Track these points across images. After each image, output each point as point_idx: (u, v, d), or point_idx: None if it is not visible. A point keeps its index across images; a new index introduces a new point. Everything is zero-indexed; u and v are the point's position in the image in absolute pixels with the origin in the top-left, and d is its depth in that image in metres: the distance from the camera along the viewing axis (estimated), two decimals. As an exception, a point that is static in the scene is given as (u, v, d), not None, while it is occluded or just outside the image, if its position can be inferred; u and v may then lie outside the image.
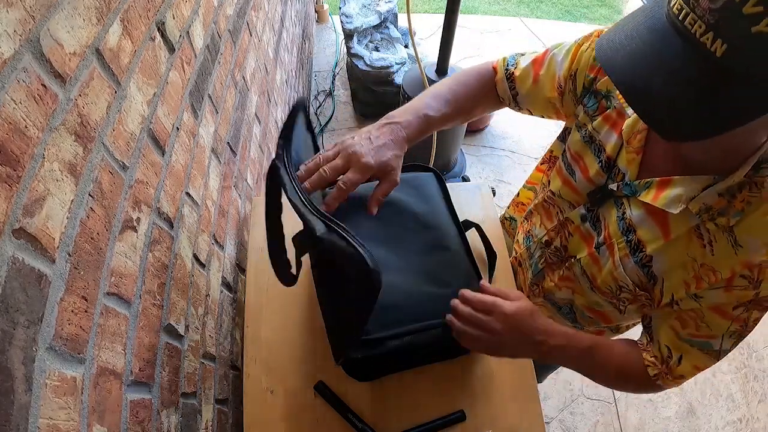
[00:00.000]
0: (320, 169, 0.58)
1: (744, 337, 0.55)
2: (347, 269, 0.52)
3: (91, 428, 0.40)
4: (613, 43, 0.46)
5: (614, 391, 1.82)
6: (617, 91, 0.58)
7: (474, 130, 2.51)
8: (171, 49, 0.59)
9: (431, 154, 1.82)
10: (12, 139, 0.33)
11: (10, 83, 0.32)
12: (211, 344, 0.73)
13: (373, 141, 0.60)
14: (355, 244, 0.48)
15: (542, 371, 1.25)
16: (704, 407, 1.82)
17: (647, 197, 0.57)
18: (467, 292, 0.62)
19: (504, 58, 0.75)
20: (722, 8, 0.36)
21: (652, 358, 0.63)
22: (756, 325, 0.55)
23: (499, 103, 0.77)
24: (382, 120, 0.64)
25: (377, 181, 0.62)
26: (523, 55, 0.73)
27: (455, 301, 0.63)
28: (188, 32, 0.65)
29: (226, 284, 0.82)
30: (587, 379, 0.67)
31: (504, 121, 2.55)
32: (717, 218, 0.52)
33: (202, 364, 0.68)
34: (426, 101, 0.68)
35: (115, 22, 0.46)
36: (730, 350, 0.57)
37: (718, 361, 0.58)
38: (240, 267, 0.92)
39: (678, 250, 0.56)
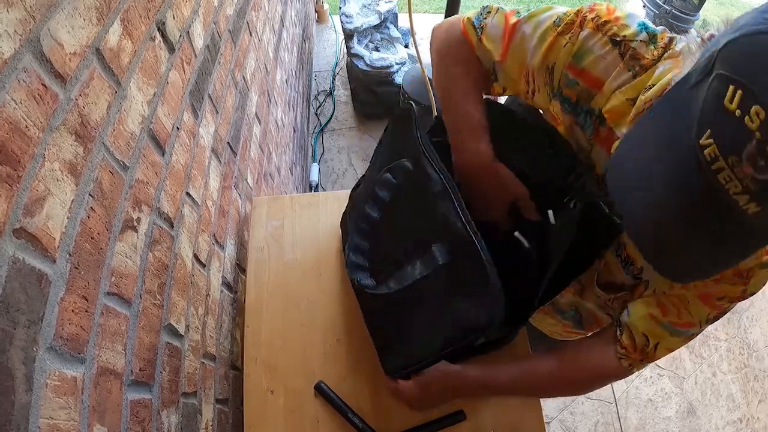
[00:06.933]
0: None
1: (717, 321, 0.56)
2: (466, 288, 0.55)
3: (91, 428, 0.40)
4: (627, 182, 0.43)
5: (614, 390, 1.82)
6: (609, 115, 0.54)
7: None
8: (171, 49, 0.59)
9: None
10: (12, 139, 0.33)
11: (11, 83, 0.32)
12: (212, 344, 0.73)
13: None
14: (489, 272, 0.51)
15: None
16: (704, 407, 1.82)
17: None
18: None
19: (469, 20, 0.62)
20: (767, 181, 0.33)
21: (623, 350, 0.61)
22: (730, 310, 0.55)
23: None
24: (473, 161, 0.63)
25: None
26: (488, 13, 0.61)
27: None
28: (188, 32, 0.65)
29: (226, 284, 0.82)
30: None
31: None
32: None
33: (202, 363, 0.68)
34: (469, 111, 0.63)
35: (116, 22, 0.46)
36: (699, 333, 0.58)
37: (688, 342, 0.59)
38: (240, 267, 0.92)
39: None
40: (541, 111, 0.67)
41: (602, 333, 0.65)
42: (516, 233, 0.64)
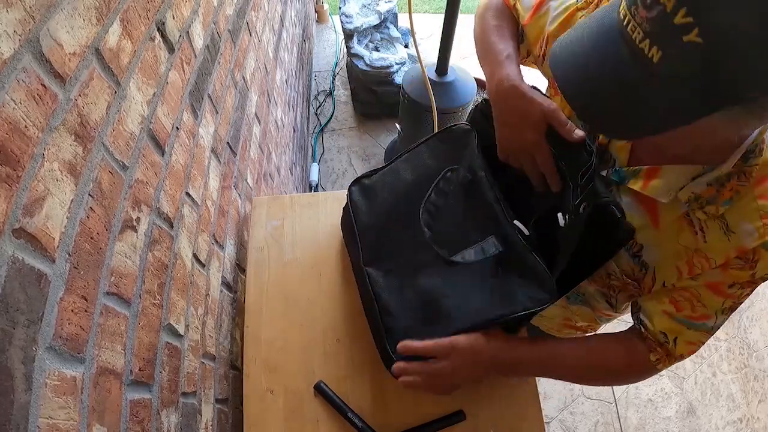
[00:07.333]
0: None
1: (735, 310, 0.56)
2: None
3: (90, 428, 0.40)
4: (564, 47, 0.47)
5: (614, 391, 1.82)
6: None
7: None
8: (171, 49, 0.59)
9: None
10: (12, 139, 0.33)
11: (10, 83, 0.32)
12: (211, 344, 0.73)
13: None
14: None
15: None
16: (704, 407, 1.82)
17: (636, 185, 0.57)
18: (411, 344, 0.62)
19: None
20: (656, 18, 0.37)
21: (651, 343, 0.62)
22: (747, 297, 0.55)
23: None
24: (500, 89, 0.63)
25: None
26: None
27: (400, 364, 0.63)
28: (188, 32, 0.65)
29: (226, 284, 0.82)
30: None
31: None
32: (706, 206, 0.53)
33: (202, 363, 0.68)
34: (500, 48, 0.66)
35: (115, 22, 0.46)
36: (722, 324, 0.58)
37: (711, 335, 0.59)
38: (240, 267, 0.92)
39: (669, 239, 0.57)
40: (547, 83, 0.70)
41: (628, 330, 0.67)
42: (516, 221, 0.65)
